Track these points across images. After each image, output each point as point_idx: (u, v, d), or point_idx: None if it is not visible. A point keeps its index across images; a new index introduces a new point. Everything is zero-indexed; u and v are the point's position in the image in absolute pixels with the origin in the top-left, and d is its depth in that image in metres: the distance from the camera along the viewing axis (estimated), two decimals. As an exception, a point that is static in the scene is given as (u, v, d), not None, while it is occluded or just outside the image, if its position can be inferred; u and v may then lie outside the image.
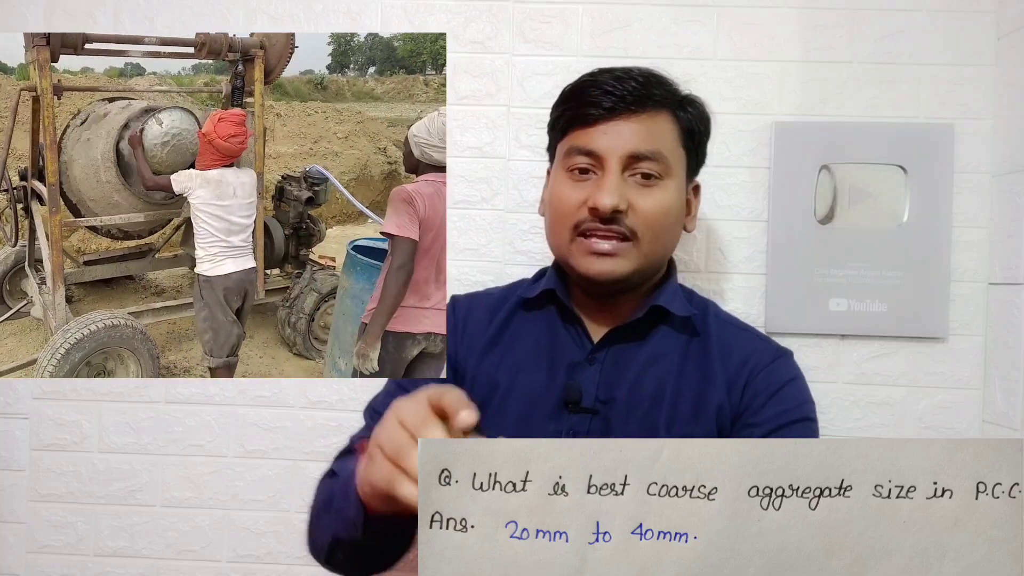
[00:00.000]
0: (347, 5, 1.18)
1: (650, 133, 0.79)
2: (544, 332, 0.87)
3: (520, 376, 0.84)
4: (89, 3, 1.18)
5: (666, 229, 0.81)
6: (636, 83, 0.79)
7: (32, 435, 1.19)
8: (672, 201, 0.81)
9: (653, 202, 0.79)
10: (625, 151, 0.78)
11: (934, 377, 1.14)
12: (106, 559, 1.18)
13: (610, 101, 0.79)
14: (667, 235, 0.82)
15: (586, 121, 0.80)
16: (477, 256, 1.17)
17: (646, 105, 0.79)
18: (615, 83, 0.79)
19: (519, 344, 0.86)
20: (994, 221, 1.12)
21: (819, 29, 1.14)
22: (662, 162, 0.79)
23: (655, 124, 0.80)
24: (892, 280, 1.12)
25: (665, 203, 0.80)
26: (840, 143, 1.13)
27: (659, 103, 0.80)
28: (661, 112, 0.81)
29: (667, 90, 0.82)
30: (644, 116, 0.79)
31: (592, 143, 0.79)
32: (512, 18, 1.17)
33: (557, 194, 0.82)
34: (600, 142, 0.79)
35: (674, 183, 0.81)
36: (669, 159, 0.80)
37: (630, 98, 0.79)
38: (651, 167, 0.79)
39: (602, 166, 0.79)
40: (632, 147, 0.78)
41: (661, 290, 0.85)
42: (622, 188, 0.78)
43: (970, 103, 1.13)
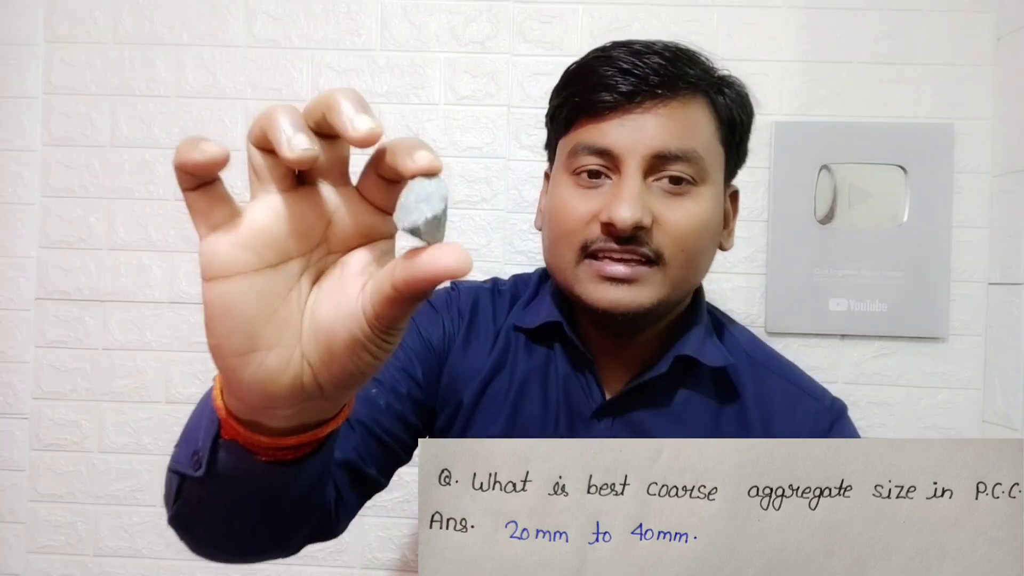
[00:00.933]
0: (347, 5, 1.18)
1: (682, 125, 0.61)
2: (543, 369, 0.69)
3: (517, 425, 0.68)
4: (89, 3, 1.19)
5: (700, 250, 0.63)
6: (662, 59, 0.61)
7: (32, 435, 1.19)
8: (709, 213, 0.62)
9: (685, 215, 0.61)
10: (649, 150, 0.60)
11: (934, 377, 1.14)
12: (106, 559, 1.18)
13: (628, 84, 0.60)
14: (701, 257, 0.64)
15: (597, 110, 0.62)
16: (477, 256, 1.17)
17: (676, 88, 0.61)
18: (634, 59, 0.61)
19: (520, 376, 0.69)
20: (994, 221, 1.12)
21: (819, 29, 1.14)
22: (697, 163, 0.61)
23: (688, 114, 0.62)
24: (892, 280, 1.12)
25: (701, 216, 0.62)
26: (840, 143, 1.13)
27: (693, 86, 0.62)
28: (695, 98, 0.62)
29: (702, 69, 0.63)
30: (674, 103, 0.61)
31: (605, 139, 0.61)
32: (512, 18, 1.17)
33: (560, 204, 0.64)
34: (616, 138, 0.61)
35: (711, 190, 0.63)
36: (705, 159, 0.62)
37: (655, 79, 0.60)
38: (683, 170, 0.61)
39: (618, 169, 0.61)
40: (659, 144, 0.60)
41: (689, 334, 0.67)
42: (645, 197, 0.60)
43: (970, 103, 1.13)
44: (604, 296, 0.61)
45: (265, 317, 0.32)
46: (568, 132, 0.65)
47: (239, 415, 0.37)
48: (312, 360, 0.33)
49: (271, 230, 0.32)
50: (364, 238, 0.34)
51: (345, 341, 0.32)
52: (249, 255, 0.32)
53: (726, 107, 0.65)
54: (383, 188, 0.34)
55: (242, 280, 0.32)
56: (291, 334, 0.33)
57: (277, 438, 0.38)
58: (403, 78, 1.18)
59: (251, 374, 0.33)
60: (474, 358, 0.70)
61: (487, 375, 0.69)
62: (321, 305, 0.33)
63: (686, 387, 0.67)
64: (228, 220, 0.32)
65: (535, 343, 0.70)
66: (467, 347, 0.71)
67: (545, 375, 0.69)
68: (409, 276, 0.30)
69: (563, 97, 0.66)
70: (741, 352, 0.71)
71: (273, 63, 1.18)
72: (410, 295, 0.31)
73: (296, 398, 0.34)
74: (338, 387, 0.34)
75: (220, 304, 0.32)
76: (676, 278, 0.62)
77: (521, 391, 0.69)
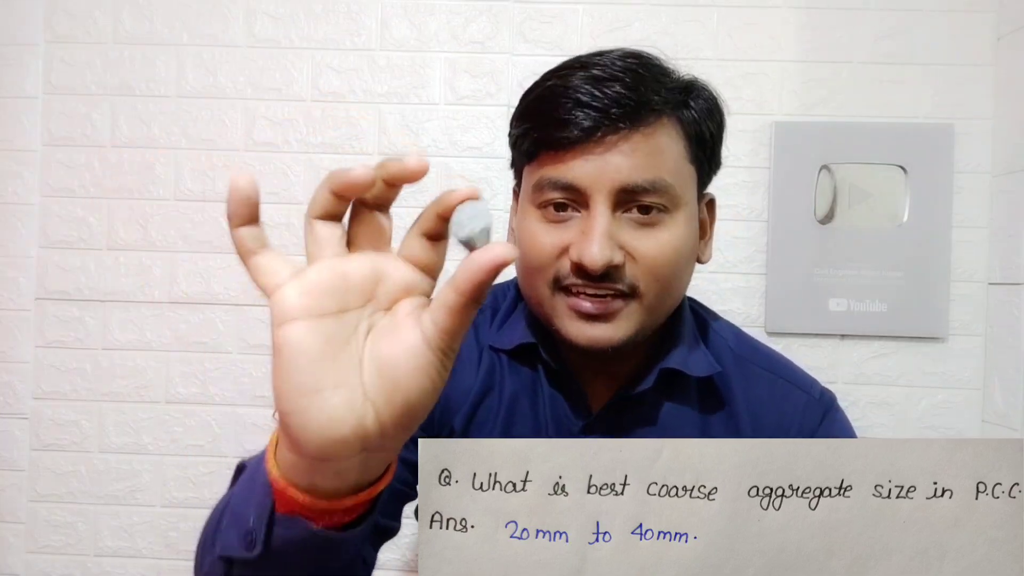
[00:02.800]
0: (347, 5, 1.18)
1: (647, 158, 0.59)
2: (531, 388, 0.68)
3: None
4: (89, 3, 1.19)
5: (676, 276, 0.62)
6: (623, 87, 0.58)
7: (32, 435, 1.19)
8: (682, 238, 0.61)
9: (657, 245, 0.59)
10: (615, 184, 0.58)
11: (934, 377, 1.14)
12: (106, 559, 1.18)
13: (590, 120, 0.58)
14: (677, 281, 0.63)
15: (560, 145, 0.59)
16: (477, 256, 1.17)
17: (639, 118, 0.58)
18: (593, 89, 0.58)
19: (508, 396, 0.69)
20: (994, 221, 1.12)
21: (819, 29, 1.14)
22: (666, 192, 0.59)
23: (653, 143, 0.59)
24: (892, 280, 1.12)
25: (673, 243, 0.60)
26: (840, 143, 1.13)
27: (657, 112, 0.60)
28: (660, 123, 0.60)
29: (664, 86, 0.60)
30: (637, 136, 0.59)
31: (569, 175, 0.59)
32: (512, 18, 1.17)
33: (528, 238, 0.62)
34: (580, 174, 0.58)
35: (684, 214, 0.61)
36: (675, 186, 0.60)
37: (616, 112, 0.58)
38: (652, 200, 0.59)
39: (586, 204, 0.59)
40: (624, 178, 0.58)
41: (675, 347, 0.66)
42: (615, 232, 0.58)
43: (970, 103, 1.13)
44: (581, 333, 0.60)
45: (331, 357, 0.35)
46: (531, 163, 0.64)
47: (296, 479, 0.38)
48: (375, 398, 0.36)
49: (332, 283, 0.36)
50: (407, 294, 0.38)
51: (408, 368, 0.35)
52: (314, 301, 0.35)
53: (694, 122, 0.62)
54: (425, 247, 0.37)
55: (309, 323, 0.35)
56: (354, 377, 0.35)
57: (334, 500, 0.38)
58: (403, 78, 1.18)
59: (316, 413, 0.35)
60: (462, 380, 0.68)
61: (476, 398, 0.68)
62: (380, 346, 0.36)
63: (672, 400, 0.66)
64: (293, 276, 0.36)
65: (519, 363, 0.69)
66: (454, 371, 0.69)
67: (533, 393, 0.68)
68: (469, 274, 0.34)
69: (523, 129, 0.64)
70: (727, 351, 0.70)
71: (273, 63, 1.18)
72: (472, 294, 0.34)
73: (358, 443, 0.36)
74: (399, 425, 0.36)
75: (289, 344, 0.35)
76: (652, 306, 0.61)
77: (510, 411, 0.68)
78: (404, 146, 1.17)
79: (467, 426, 0.68)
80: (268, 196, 1.18)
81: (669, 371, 0.65)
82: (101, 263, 1.19)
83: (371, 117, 1.18)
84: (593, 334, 0.60)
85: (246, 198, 0.35)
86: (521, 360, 0.69)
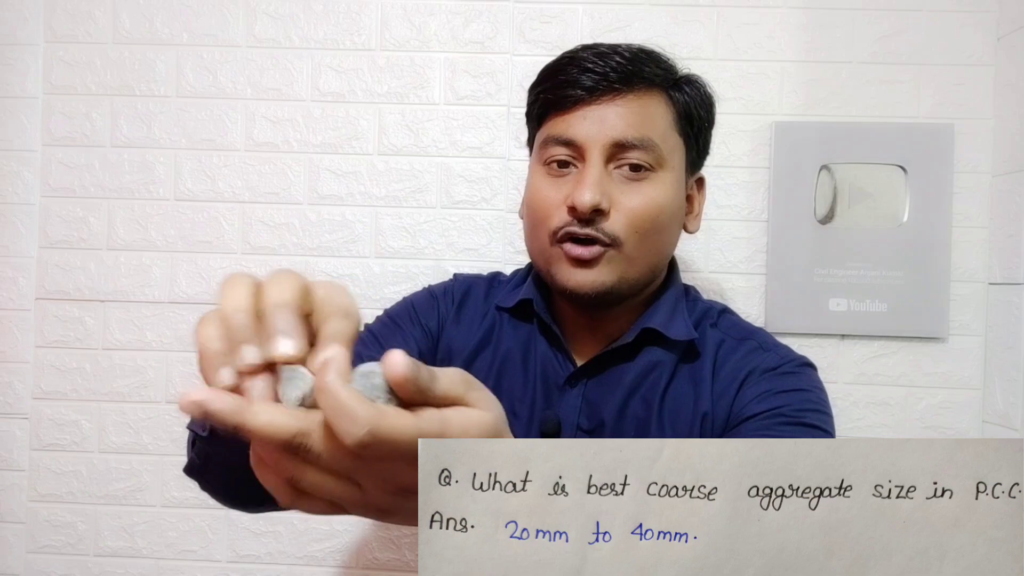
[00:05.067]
0: (347, 5, 1.18)
1: (638, 117, 0.68)
2: (525, 345, 0.76)
3: (500, 397, 0.73)
4: (89, 3, 1.19)
5: (657, 230, 0.69)
6: (622, 59, 0.68)
7: (32, 435, 1.19)
8: (666, 197, 0.69)
9: (641, 199, 0.67)
10: (609, 139, 0.67)
11: (934, 377, 1.14)
12: (106, 559, 1.18)
13: (591, 80, 0.67)
14: (659, 237, 0.70)
15: (563, 105, 0.69)
16: (477, 256, 1.17)
17: (633, 84, 0.68)
18: (597, 60, 0.68)
19: (503, 351, 0.76)
20: (994, 221, 1.12)
21: (819, 29, 1.14)
22: (653, 151, 0.68)
23: (644, 107, 0.68)
24: (892, 280, 1.12)
25: (656, 199, 0.68)
26: (840, 143, 1.13)
27: (649, 82, 0.69)
28: (652, 92, 0.69)
29: (660, 67, 0.71)
30: (631, 97, 0.68)
31: (570, 131, 0.68)
32: (512, 18, 1.17)
33: (534, 192, 0.71)
34: (579, 129, 0.68)
35: (670, 176, 0.69)
36: (662, 147, 0.68)
37: (614, 76, 0.67)
38: (640, 157, 0.67)
39: (583, 157, 0.68)
40: (617, 134, 0.67)
41: (656, 306, 0.73)
42: (605, 183, 0.67)
43: (970, 103, 1.13)
44: (571, 277, 0.68)
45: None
46: (540, 126, 0.73)
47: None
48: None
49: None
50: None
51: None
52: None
53: (684, 102, 0.71)
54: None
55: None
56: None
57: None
58: (403, 78, 1.18)
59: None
60: (464, 335, 0.77)
61: (472, 351, 0.76)
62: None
63: (650, 350, 0.73)
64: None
65: (519, 320, 0.77)
66: (458, 325, 0.78)
67: (526, 349, 0.76)
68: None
69: (535, 95, 0.74)
70: (711, 323, 0.76)
71: (273, 63, 1.18)
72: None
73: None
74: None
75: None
76: (634, 257, 0.68)
77: (503, 365, 0.75)
78: (404, 146, 1.17)
79: (467, 366, 0.75)
80: (268, 196, 1.18)
81: (650, 331, 0.72)
82: (101, 263, 1.19)
83: (371, 117, 1.18)
84: (580, 278, 0.67)
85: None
86: (520, 317, 0.77)
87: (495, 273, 0.86)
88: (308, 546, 1.17)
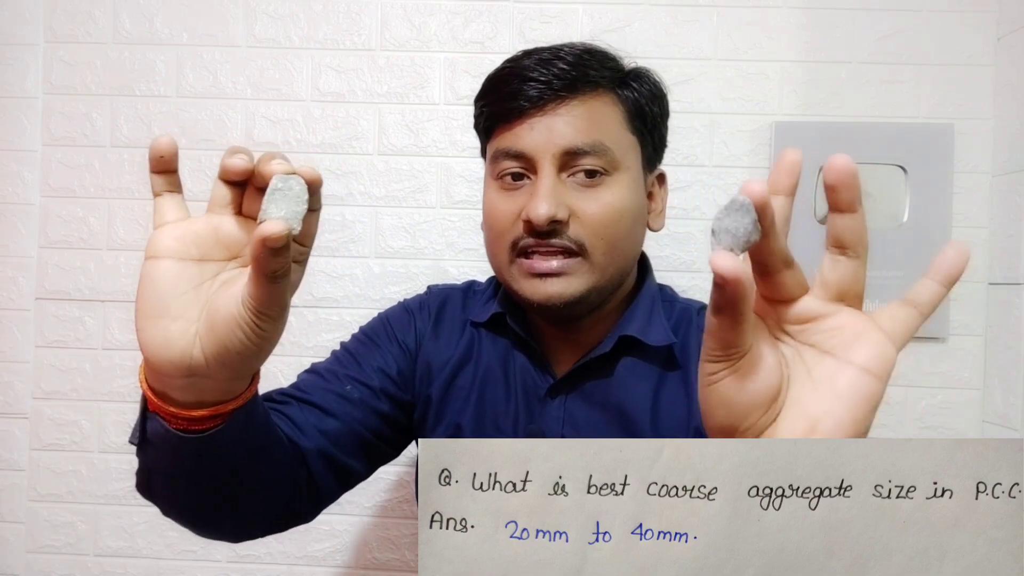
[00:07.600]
0: (347, 5, 1.18)
1: (587, 122, 0.65)
2: (504, 359, 0.74)
3: (485, 412, 0.73)
4: (89, 3, 1.19)
5: (622, 235, 0.67)
6: (565, 64, 0.66)
7: (32, 435, 1.19)
8: (624, 200, 0.67)
9: (600, 205, 0.65)
10: (559, 148, 0.65)
11: (934, 377, 1.14)
12: (106, 559, 1.18)
13: (535, 90, 0.65)
14: (624, 241, 0.68)
15: (509, 118, 0.67)
16: (477, 256, 1.17)
17: (579, 89, 0.66)
18: (540, 67, 0.66)
19: (483, 366, 0.75)
20: (994, 221, 1.12)
21: (819, 29, 1.14)
22: (606, 155, 0.65)
23: (592, 110, 0.66)
24: (892, 280, 1.12)
25: (615, 204, 0.66)
26: (840, 143, 1.13)
27: (595, 84, 0.67)
28: (599, 94, 0.67)
29: (606, 67, 0.68)
30: (577, 102, 0.66)
31: (519, 143, 0.66)
32: (512, 18, 1.17)
33: (489, 207, 0.69)
34: (528, 141, 0.65)
35: (626, 177, 0.67)
36: (614, 150, 0.66)
37: (558, 84, 0.65)
38: (593, 163, 0.65)
39: (535, 169, 0.66)
40: (566, 142, 0.65)
41: (631, 312, 0.71)
42: (560, 193, 0.65)
43: (970, 103, 1.13)
44: (536, 291, 0.66)
45: (177, 294, 0.43)
46: (490, 140, 0.71)
47: (154, 385, 0.46)
48: (202, 335, 0.43)
49: (202, 235, 0.44)
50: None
51: (224, 318, 0.42)
52: (180, 246, 0.43)
53: (633, 100, 0.69)
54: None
55: (168, 262, 0.43)
56: (193, 313, 0.43)
57: (182, 409, 0.46)
58: (403, 78, 1.18)
59: (153, 335, 0.43)
60: (443, 350, 0.76)
61: (454, 368, 0.75)
62: (218, 294, 0.43)
63: (630, 360, 0.71)
64: (175, 221, 0.44)
65: (496, 334, 0.75)
66: (436, 340, 0.77)
67: (505, 363, 0.74)
68: (250, 247, 0.40)
69: (480, 108, 0.72)
70: (690, 325, 0.74)
71: (273, 63, 1.18)
72: (255, 266, 0.40)
73: (185, 367, 0.43)
74: (218, 362, 0.43)
75: (148, 275, 0.43)
76: (602, 264, 0.66)
77: (485, 380, 0.74)
78: (404, 146, 1.17)
79: (445, 393, 0.74)
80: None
81: (627, 338, 0.70)
82: (101, 263, 1.19)
83: (371, 117, 1.18)
84: (547, 290, 0.65)
85: (160, 157, 0.44)
86: (496, 331, 0.75)
87: (470, 282, 0.84)
88: (308, 546, 1.17)
